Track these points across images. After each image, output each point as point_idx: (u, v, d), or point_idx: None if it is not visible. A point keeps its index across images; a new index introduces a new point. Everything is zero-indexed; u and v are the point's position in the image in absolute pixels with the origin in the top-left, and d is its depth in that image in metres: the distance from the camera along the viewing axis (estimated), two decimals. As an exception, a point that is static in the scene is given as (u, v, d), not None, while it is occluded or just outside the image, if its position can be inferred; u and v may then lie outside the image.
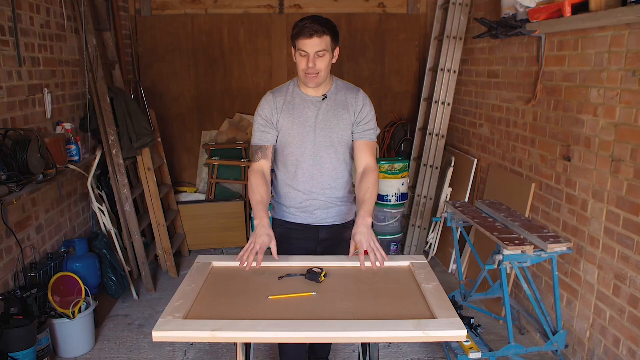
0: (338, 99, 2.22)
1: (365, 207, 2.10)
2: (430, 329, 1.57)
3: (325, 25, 2.05)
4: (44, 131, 3.18)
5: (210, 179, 4.90)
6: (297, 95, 2.22)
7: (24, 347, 2.55)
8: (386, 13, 5.04)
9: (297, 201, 2.29)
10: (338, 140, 2.22)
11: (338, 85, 2.26)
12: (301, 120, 2.20)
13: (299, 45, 2.06)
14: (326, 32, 2.05)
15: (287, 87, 2.26)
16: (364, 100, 2.24)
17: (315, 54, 2.05)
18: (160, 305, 3.59)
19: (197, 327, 1.58)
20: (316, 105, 2.21)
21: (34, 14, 3.10)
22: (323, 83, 2.17)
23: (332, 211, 2.31)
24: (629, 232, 2.39)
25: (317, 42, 2.03)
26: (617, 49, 2.43)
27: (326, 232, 2.33)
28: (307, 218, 2.30)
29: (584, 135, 2.70)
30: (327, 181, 2.26)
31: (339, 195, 2.31)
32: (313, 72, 2.08)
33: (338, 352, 3.03)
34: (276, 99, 2.22)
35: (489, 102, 3.84)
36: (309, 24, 2.03)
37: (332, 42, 2.09)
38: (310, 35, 2.02)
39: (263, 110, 2.23)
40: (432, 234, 4.41)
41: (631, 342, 2.38)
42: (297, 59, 2.10)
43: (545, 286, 3.08)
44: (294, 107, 2.20)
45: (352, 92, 2.25)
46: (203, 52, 4.95)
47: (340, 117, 2.21)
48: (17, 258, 2.83)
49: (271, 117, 2.21)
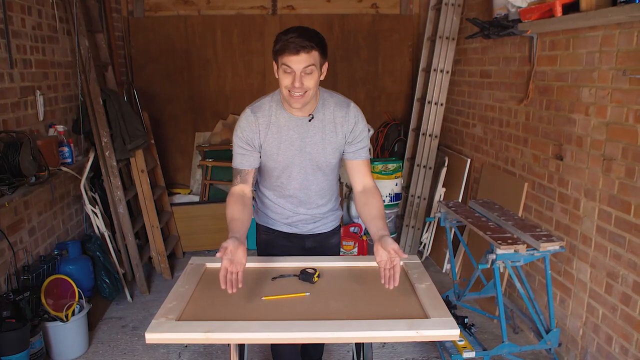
0: (326, 118, 2.01)
1: (384, 228, 1.87)
2: (423, 328, 1.57)
3: (313, 39, 1.82)
4: (36, 133, 3.16)
5: (203, 180, 4.89)
6: (282, 116, 1.99)
7: (17, 350, 2.53)
8: (379, 13, 5.05)
9: (283, 216, 2.20)
10: (326, 164, 2.07)
11: (325, 101, 2.02)
12: (287, 143, 2.00)
13: (283, 60, 1.82)
14: (314, 47, 1.82)
15: (269, 104, 2.01)
16: (355, 117, 2.03)
17: (302, 71, 1.81)
18: (154, 307, 3.58)
19: (191, 328, 1.58)
20: (302, 126, 2.00)
21: (25, 16, 3.09)
22: (310, 102, 1.95)
23: (319, 222, 2.24)
24: (620, 231, 2.40)
25: (304, 58, 1.80)
26: (607, 49, 2.45)
27: (312, 240, 2.27)
28: (291, 229, 2.22)
29: (576, 134, 2.72)
30: (314, 200, 2.16)
31: (325, 210, 2.23)
32: (299, 91, 1.84)
33: (332, 353, 3.03)
34: (258, 119, 1.99)
35: (482, 101, 3.86)
36: (295, 37, 1.79)
37: (320, 58, 1.86)
38: (296, 50, 1.79)
39: (243, 131, 2.00)
40: (425, 234, 4.41)
41: (623, 339, 2.39)
42: (280, 76, 1.86)
43: (538, 285, 3.10)
44: (279, 129, 1.99)
45: (341, 109, 2.02)
46: (196, 53, 4.94)
47: (328, 141, 2.02)
48: (10, 261, 2.81)
49: (252, 140, 2.00)
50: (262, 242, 2.31)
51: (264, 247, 2.29)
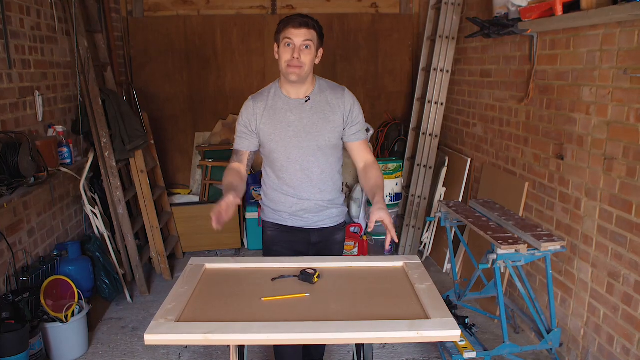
0: (322, 100, 2.17)
1: (379, 193, 2.09)
2: (424, 329, 1.56)
3: (314, 21, 2.08)
4: (35, 134, 3.15)
5: (203, 180, 4.88)
6: (279, 99, 2.16)
7: (16, 351, 2.53)
8: (379, 13, 5.04)
9: (287, 205, 2.25)
10: (325, 143, 2.17)
11: (321, 86, 2.20)
12: (283, 124, 2.14)
13: (285, 34, 2.05)
14: (315, 27, 2.07)
15: (269, 90, 2.20)
16: (351, 100, 2.20)
17: (301, 44, 2.03)
18: (154, 308, 3.57)
19: (190, 329, 1.56)
20: (299, 108, 2.15)
21: (24, 16, 3.08)
22: (306, 80, 2.12)
23: (323, 214, 2.28)
24: (621, 230, 2.39)
25: (305, 33, 2.04)
26: (608, 47, 2.44)
27: (317, 235, 2.30)
28: (297, 221, 2.27)
29: (577, 133, 2.71)
30: (316, 185, 2.22)
31: (329, 198, 2.27)
32: (297, 63, 2.04)
33: (333, 353, 3.02)
34: (256, 104, 2.17)
35: (482, 101, 3.85)
36: (298, 16, 2.06)
37: (318, 39, 2.09)
38: (299, 24, 2.03)
39: (242, 116, 2.19)
40: (426, 234, 4.41)
41: (625, 339, 2.38)
42: (281, 51, 2.07)
43: (539, 285, 3.09)
44: (275, 112, 2.15)
45: (336, 92, 2.20)
46: (196, 53, 4.93)
47: (327, 119, 2.16)
48: (9, 262, 2.80)
49: (249, 124, 2.17)
50: (268, 239, 2.34)
51: (270, 244, 2.33)
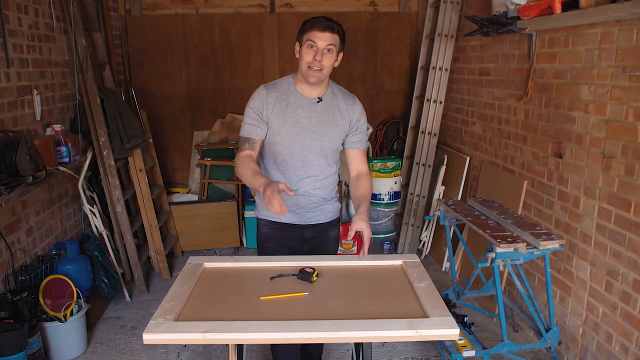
0: (333, 104, 2.21)
1: (365, 204, 2.15)
2: (423, 328, 1.56)
3: (338, 25, 2.11)
4: (33, 133, 3.15)
5: (202, 179, 4.87)
6: (292, 94, 2.18)
7: (15, 351, 2.52)
8: (377, 11, 5.03)
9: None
10: (329, 145, 2.21)
11: (334, 90, 2.25)
12: (292, 120, 2.16)
13: (309, 36, 2.06)
14: (338, 32, 2.10)
15: (283, 83, 2.21)
16: (360, 110, 2.26)
17: (324, 48, 2.06)
18: (153, 307, 3.56)
19: (189, 328, 1.56)
20: (310, 106, 2.18)
21: (21, 15, 3.07)
22: (322, 83, 2.16)
23: (317, 210, 2.30)
24: (620, 229, 2.39)
25: (329, 37, 2.06)
26: (607, 46, 2.44)
27: (311, 231, 2.32)
28: (291, 217, 2.28)
29: (575, 132, 2.71)
30: (313, 182, 2.24)
31: (324, 195, 2.29)
32: (318, 66, 2.06)
33: (331, 352, 3.02)
34: (269, 93, 2.17)
35: (481, 99, 3.85)
36: (324, 19, 2.07)
37: (340, 43, 2.12)
38: (324, 28, 2.05)
39: (254, 102, 2.17)
40: (425, 232, 4.41)
41: (623, 337, 2.39)
42: (303, 52, 2.09)
43: (538, 283, 3.09)
44: (287, 106, 2.16)
45: (348, 99, 2.25)
46: (194, 51, 4.92)
47: (335, 122, 2.20)
48: (7, 261, 2.80)
49: (261, 111, 2.16)
50: (262, 236, 2.34)
51: (264, 240, 2.33)
